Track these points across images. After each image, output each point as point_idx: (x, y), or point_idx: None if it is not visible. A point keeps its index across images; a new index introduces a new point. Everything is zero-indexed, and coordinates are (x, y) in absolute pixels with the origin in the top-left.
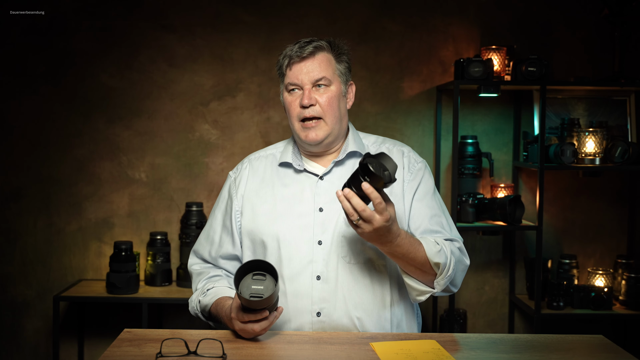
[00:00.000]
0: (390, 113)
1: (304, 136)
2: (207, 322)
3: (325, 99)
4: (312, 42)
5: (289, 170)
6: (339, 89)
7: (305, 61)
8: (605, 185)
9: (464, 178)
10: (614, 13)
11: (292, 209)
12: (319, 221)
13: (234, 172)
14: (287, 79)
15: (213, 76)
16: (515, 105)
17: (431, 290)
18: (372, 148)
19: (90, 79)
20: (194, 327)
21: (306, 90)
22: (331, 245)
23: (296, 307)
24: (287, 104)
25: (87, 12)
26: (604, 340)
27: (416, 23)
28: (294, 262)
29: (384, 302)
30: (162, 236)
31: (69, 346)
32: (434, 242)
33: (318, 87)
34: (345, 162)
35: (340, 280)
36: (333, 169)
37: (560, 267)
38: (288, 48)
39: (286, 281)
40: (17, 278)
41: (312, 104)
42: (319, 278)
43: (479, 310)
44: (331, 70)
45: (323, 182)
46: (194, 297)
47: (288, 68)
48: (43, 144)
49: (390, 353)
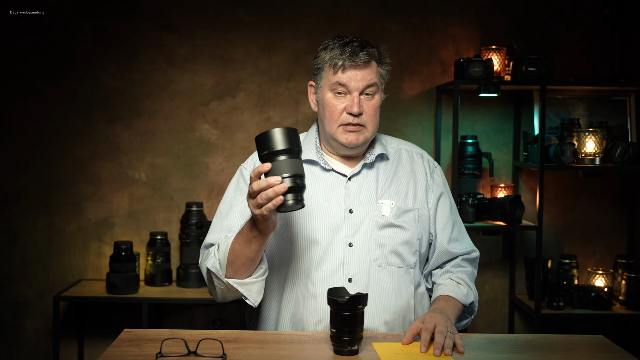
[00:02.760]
0: (390, 113)
1: (344, 139)
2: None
3: (370, 108)
4: (364, 47)
5: (314, 168)
6: (380, 97)
7: (359, 69)
8: (605, 185)
9: (464, 178)
10: (614, 13)
11: (321, 208)
12: (349, 223)
13: (249, 164)
14: (336, 78)
15: (213, 76)
16: (515, 105)
17: (471, 318)
18: (390, 150)
19: (91, 79)
20: (194, 327)
21: (356, 98)
22: (362, 248)
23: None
24: (331, 105)
25: (87, 12)
26: (604, 340)
27: (416, 23)
28: (326, 264)
29: (410, 305)
30: (162, 236)
31: (69, 346)
32: (456, 285)
33: (364, 95)
34: (373, 165)
35: (371, 283)
36: (362, 171)
37: (560, 267)
38: (337, 48)
39: (317, 283)
40: (17, 278)
41: (361, 112)
42: (350, 280)
43: (479, 310)
44: (377, 78)
45: (351, 182)
46: (211, 254)
47: (340, 70)
48: (43, 144)
49: (391, 353)
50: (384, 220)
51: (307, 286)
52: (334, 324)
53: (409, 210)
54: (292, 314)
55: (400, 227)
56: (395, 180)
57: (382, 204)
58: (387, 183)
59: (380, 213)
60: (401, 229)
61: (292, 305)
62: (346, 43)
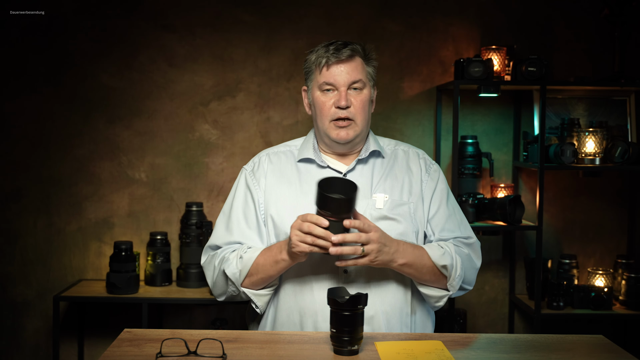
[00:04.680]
0: (390, 113)
1: (335, 134)
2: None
3: (358, 102)
4: (347, 44)
5: (311, 166)
6: (369, 92)
7: (342, 63)
8: (605, 185)
9: (464, 178)
10: (614, 13)
11: None
12: None
13: (250, 165)
14: (323, 78)
15: (213, 76)
16: (515, 105)
17: (447, 293)
18: (387, 150)
19: (90, 79)
20: (194, 327)
21: (342, 92)
22: None
23: (324, 301)
24: (320, 102)
25: (87, 12)
26: (604, 340)
27: (416, 23)
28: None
29: (407, 298)
30: (162, 236)
31: (69, 346)
32: (437, 246)
33: (352, 90)
34: (368, 161)
35: (369, 275)
36: (356, 167)
37: (560, 267)
38: (321, 48)
39: (313, 276)
40: (17, 278)
41: (348, 105)
42: (346, 272)
43: (479, 310)
44: (364, 73)
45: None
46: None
47: (325, 67)
48: (43, 144)
49: (392, 353)
50: (378, 212)
51: (303, 279)
52: (334, 324)
53: (404, 203)
54: (290, 307)
55: (394, 219)
56: (391, 176)
57: (377, 197)
58: (382, 178)
59: (374, 206)
60: (395, 222)
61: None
62: (331, 43)
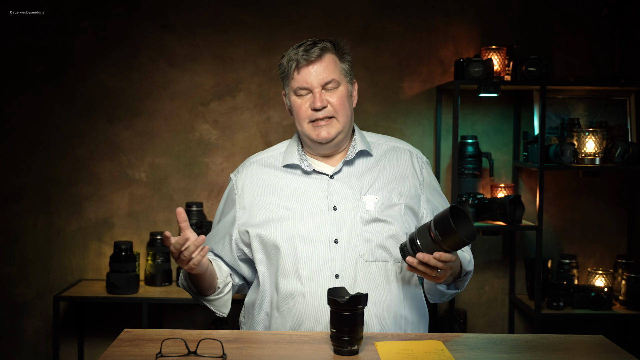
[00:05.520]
0: (390, 113)
1: (315, 135)
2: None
3: (336, 99)
4: (316, 43)
5: (296, 172)
6: (346, 88)
7: (313, 64)
8: (605, 185)
9: (464, 178)
10: (614, 13)
11: (305, 209)
12: (334, 220)
13: (234, 174)
14: (296, 83)
15: (213, 76)
16: (515, 105)
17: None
18: (375, 147)
19: (90, 79)
20: (194, 327)
21: (317, 93)
22: (348, 244)
23: (315, 306)
24: (296, 106)
25: (87, 12)
26: (604, 340)
27: (416, 23)
28: (312, 261)
29: (400, 299)
30: (162, 236)
31: (69, 346)
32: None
33: (327, 90)
34: (354, 162)
35: (359, 278)
36: (343, 168)
37: (560, 267)
38: (292, 51)
39: (304, 280)
40: (17, 278)
41: (324, 106)
42: (337, 277)
43: (479, 310)
44: (338, 71)
45: (334, 181)
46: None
47: (296, 71)
48: (43, 144)
49: (392, 353)
50: (368, 215)
51: (295, 285)
52: (334, 324)
53: (394, 204)
54: (282, 313)
55: (385, 221)
56: (380, 176)
57: (367, 199)
58: (372, 179)
59: (364, 208)
60: (386, 224)
61: (281, 304)
62: (300, 44)
